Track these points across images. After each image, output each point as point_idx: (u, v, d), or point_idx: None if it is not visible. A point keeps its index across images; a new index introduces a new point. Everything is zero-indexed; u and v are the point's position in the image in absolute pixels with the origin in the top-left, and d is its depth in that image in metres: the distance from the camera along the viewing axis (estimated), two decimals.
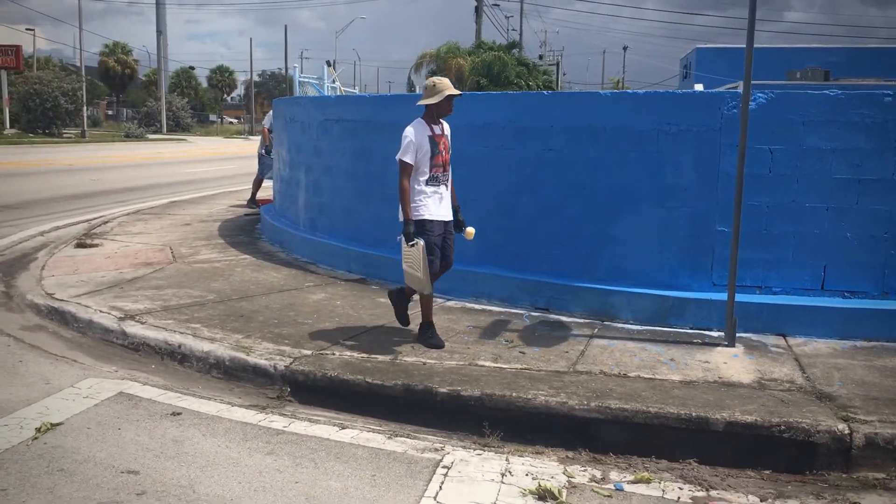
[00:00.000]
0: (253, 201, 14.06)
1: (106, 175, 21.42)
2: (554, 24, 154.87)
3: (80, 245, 10.05)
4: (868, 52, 56.26)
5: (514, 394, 4.91)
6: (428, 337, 5.91)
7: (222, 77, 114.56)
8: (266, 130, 13.89)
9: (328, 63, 15.81)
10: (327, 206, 8.85)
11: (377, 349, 5.78)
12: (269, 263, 8.84)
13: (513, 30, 53.20)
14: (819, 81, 49.92)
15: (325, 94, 14.27)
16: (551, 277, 6.98)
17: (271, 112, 13.84)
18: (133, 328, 6.22)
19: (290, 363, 5.44)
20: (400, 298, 6.26)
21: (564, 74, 45.62)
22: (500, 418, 4.83)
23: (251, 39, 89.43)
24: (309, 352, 5.69)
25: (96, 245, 10.06)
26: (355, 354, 5.65)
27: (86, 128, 51.73)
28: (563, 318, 6.71)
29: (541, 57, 42.49)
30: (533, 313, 6.87)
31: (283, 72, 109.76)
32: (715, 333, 6.26)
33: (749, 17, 5.78)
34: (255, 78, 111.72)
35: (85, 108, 53.98)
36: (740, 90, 12.09)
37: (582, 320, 6.68)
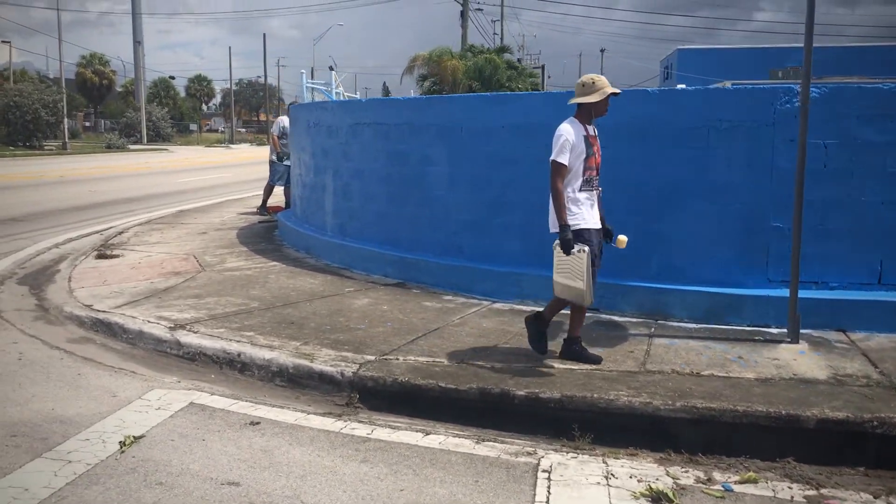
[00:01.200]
0: (264, 208, 13.94)
1: (102, 186, 21.18)
2: (527, 26, 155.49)
3: (101, 256, 9.90)
4: (848, 50, 56.95)
5: (594, 395, 4.85)
6: (578, 352, 5.53)
7: (200, 86, 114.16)
8: (275, 137, 13.78)
9: (331, 68, 15.70)
10: (358, 211, 8.77)
11: (440, 353, 5.70)
12: (301, 269, 8.74)
13: (495, 34, 53.30)
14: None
15: (334, 98, 14.18)
16: (601, 277, 6.89)
17: (280, 119, 13.79)
18: (187, 338, 6.11)
19: (357, 369, 5.36)
20: (539, 324, 5.67)
21: (549, 77, 45.73)
22: (580, 420, 4.77)
23: (230, 48, 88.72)
24: (372, 357, 5.61)
25: (117, 256, 9.91)
26: (420, 359, 5.58)
27: (66, 139, 51.21)
28: (616, 318, 6.67)
29: (519, 60, 42.51)
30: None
31: (263, 80, 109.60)
32: (774, 330, 6.23)
33: (807, 17, 5.77)
34: (234, 87, 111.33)
35: (66, 119, 53.48)
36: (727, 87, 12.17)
37: (635, 319, 6.64)
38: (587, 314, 6.73)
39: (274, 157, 13.79)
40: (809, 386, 5.00)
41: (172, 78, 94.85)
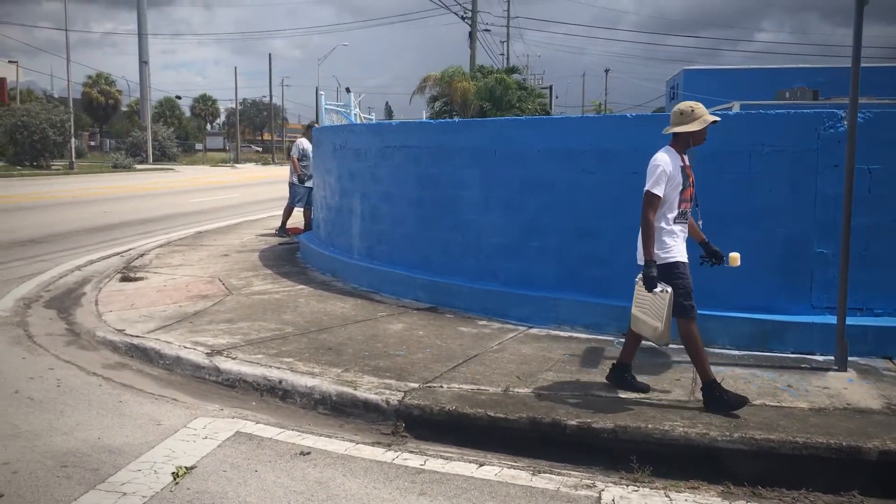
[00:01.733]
0: (283, 230, 13.90)
1: (115, 207, 21.16)
2: (531, 46, 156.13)
3: (126, 279, 9.85)
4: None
5: (649, 425, 4.78)
6: (628, 380, 5.44)
7: (205, 106, 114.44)
8: (295, 160, 13.75)
9: (348, 90, 15.70)
10: (387, 234, 8.72)
11: (483, 381, 5.63)
12: (330, 293, 8.68)
13: (501, 54, 53.49)
14: (808, 101, 50.42)
15: (353, 120, 14.16)
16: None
17: (299, 141, 13.78)
18: (226, 364, 6.04)
19: (403, 398, 5.29)
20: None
21: (557, 98, 45.81)
22: (634, 451, 4.69)
23: (236, 69, 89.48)
24: (415, 385, 5.54)
25: (141, 279, 9.86)
26: (464, 387, 5.50)
27: (73, 159, 51.32)
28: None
29: (524, 80, 42.63)
30: (622, 339, 6.72)
31: (267, 99, 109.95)
32: (819, 357, 6.16)
33: (854, 37, 5.75)
34: (237, 106, 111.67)
35: (73, 139, 53.62)
36: (734, 110, 12.13)
37: (676, 346, 6.52)
38: (621, 339, 6.67)
39: (294, 180, 13.76)
40: (865, 416, 4.93)
41: (179, 98, 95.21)
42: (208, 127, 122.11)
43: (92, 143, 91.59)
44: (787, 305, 6.46)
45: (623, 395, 5.33)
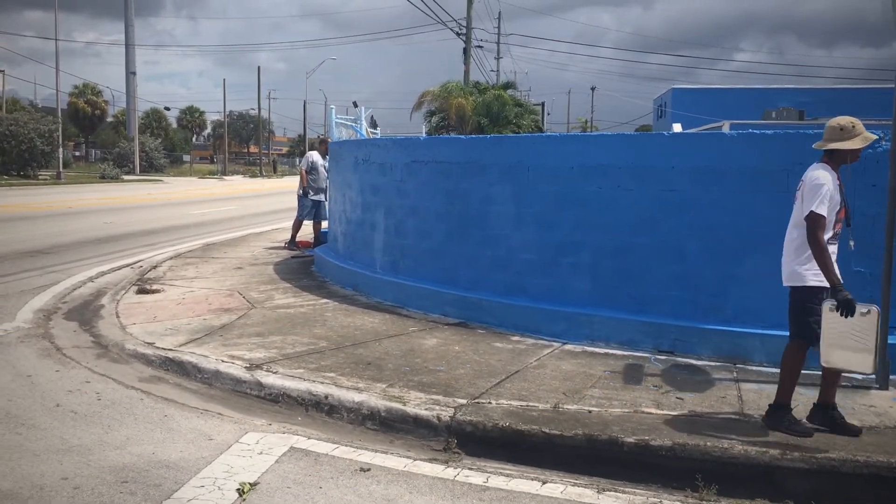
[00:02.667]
0: (294, 243, 13.84)
1: (115, 218, 21.02)
2: (517, 62, 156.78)
3: (142, 291, 9.77)
4: (836, 92, 57.63)
5: (707, 443, 4.77)
6: (836, 422, 4.99)
7: (192, 118, 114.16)
8: (304, 172, 13.73)
9: (355, 104, 15.69)
10: (412, 248, 8.70)
11: (530, 397, 5.61)
12: (355, 308, 8.64)
13: (492, 70, 53.67)
14: (794, 121, 50.94)
15: (364, 135, 14.17)
16: (673, 319, 6.88)
17: (309, 154, 13.75)
18: (268, 379, 6.00)
19: (454, 414, 5.26)
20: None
21: (549, 114, 46.01)
22: (692, 469, 4.67)
23: (224, 81, 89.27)
24: (463, 401, 5.51)
25: (158, 291, 9.78)
26: (512, 403, 5.48)
27: (61, 169, 50.95)
28: (694, 362, 6.60)
29: (519, 96, 42.73)
30: (658, 356, 6.75)
31: (253, 111, 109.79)
32: (858, 375, 6.17)
33: None
34: (222, 118, 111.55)
35: (61, 149, 53.28)
36: (724, 130, 12.27)
37: (714, 363, 6.57)
38: (661, 356, 6.69)
39: (302, 192, 13.72)
40: None
41: (168, 109, 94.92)
42: (195, 139, 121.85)
43: (77, 154, 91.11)
44: None
45: (672, 412, 5.33)
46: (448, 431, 5.22)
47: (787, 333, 6.46)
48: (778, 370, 6.30)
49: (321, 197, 13.76)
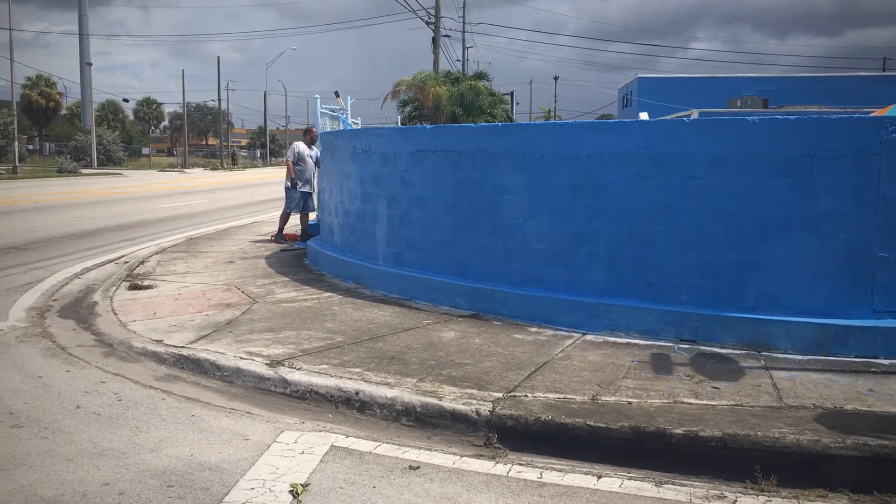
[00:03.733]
0: (281, 236, 13.59)
1: (86, 212, 20.53)
2: (480, 51, 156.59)
3: (135, 287, 9.51)
4: (798, 80, 58.57)
5: (758, 433, 4.70)
6: None
7: (150, 109, 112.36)
8: (291, 164, 13.48)
9: (336, 94, 15.46)
10: (419, 240, 8.54)
11: (565, 389, 5.51)
12: (362, 301, 8.47)
13: (457, 60, 53.46)
14: (759, 109, 51.50)
15: (350, 125, 13.94)
16: (694, 308, 6.82)
17: (295, 145, 13.51)
18: (293, 375, 5.82)
19: (493, 408, 5.13)
20: None
21: (518, 104, 46.00)
22: (741, 459, 4.61)
23: (183, 72, 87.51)
24: (499, 395, 5.39)
25: (151, 287, 9.52)
26: (549, 396, 5.37)
27: (17, 163, 49.84)
28: (718, 350, 6.54)
29: (490, 86, 42.62)
30: (682, 345, 6.68)
31: (210, 103, 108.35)
32: (885, 361, 6.17)
33: None
34: (180, 110, 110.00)
35: (17, 142, 52.12)
36: (693, 117, 12.36)
37: (738, 351, 6.51)
38: (684, 345, 6.63)
39: (289, 184, 13.48)
40: None
41: (126, 101, 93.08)
42: (152, 131, 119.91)
43: (31, 147, 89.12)
44: (848, 310, 6.46)
45: (714, 402, 5.25)
46: (488, 426, 5.09)
47: (812, 320, 6.45)
48: (803, 356, 6.31)
49: (308, 188, 13.54)
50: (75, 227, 16.56)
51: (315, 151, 13.58)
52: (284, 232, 13.72)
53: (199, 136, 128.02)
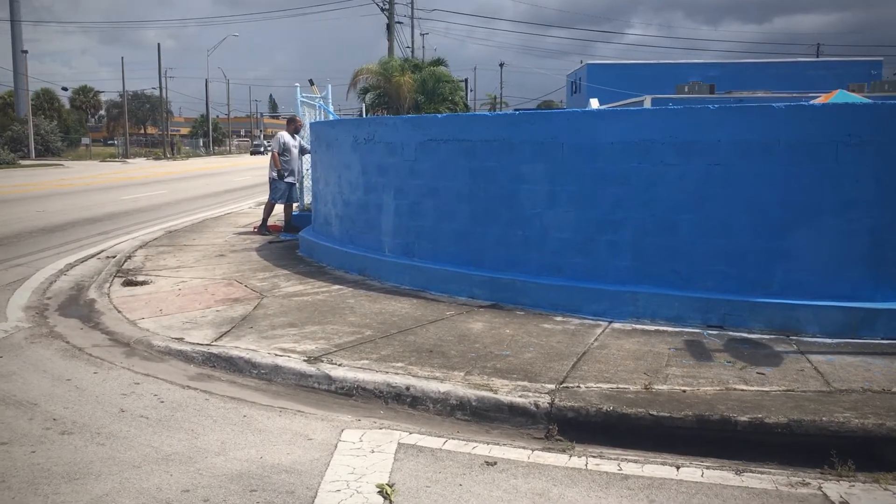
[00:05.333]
0: (266, 227, 13.34)
1: (46, 205, 19.94)
2: (420, 39, 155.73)
3: (130, 283, 9.24)
4: (741, 66, 59.71)
5: (823, 418, 4.75)
6: None
7: (86, 98, 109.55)
8: (276, 154, 13.24)
9: (311, 82, 15.21)
10: (430, 230, 8.44)
11: (615, 379, 5.50)
12: (375, 293, 8.35)
13: (408, 47, 53.10)
14: (706, 94, 52.02)
15: (333, 114, 13.73)
16: (720, 294, 6.87)
17: (279, 135, 13.28)
18: (337, 372, 5.71)
19: (552, 400, 5.10)
20: None
21: (472, 91, 45.90)
22: (806, 445, 4.66)
23: (122, 59, 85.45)
24: (551, 386, 5.36)
25: (147, 283, 9.27)
26: (602, 386, 5.36)
27: None
28: (747, 335, 6.60)
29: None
30: (710, 331, 6.73)
31: (148, 92, 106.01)
32: None
33: None
34: (118, 98, 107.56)
35: None
36: (646, 104, 12.57)
37: (769, 336, 6.58)
38: (712, 331, 6.67)
39: (275, 175, 13.22)
40: None
41: (65, 89, 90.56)
42: (89, 120, 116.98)
43: None
44: (874, 293, 6.57)
45: (766, 388, 5.29)
46: (548, 418, 5.06)
47: (840, 304, 6.54)
48: (833, 340, 6.39)
49: (293, 179, 13.32)
50: (41, 222, 16.06)
51: (299, 141, 13.37)
52: (269, 224, 13.47)
53: (137, 126, 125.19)
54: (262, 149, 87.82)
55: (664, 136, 6.97)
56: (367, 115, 23.14)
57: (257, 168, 47.03)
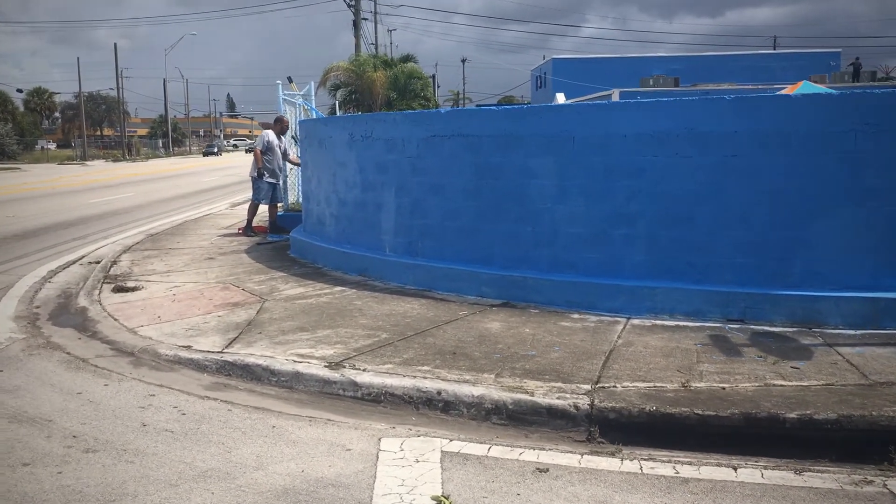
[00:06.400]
0: (250, 228, 13.03)
1: (15, 210, 19.43)
2: (382, 36, 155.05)
3: (120, 290, 8.94)
4: (703, 59, 60.22)
5: (873, 413, 4.65)
6: None
7: (41, 100, 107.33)
8: (259, 153, 12.93)
9: (290, 80, 14.91)
10: (434, 228, 8.25)
11: (649, 377, 5.37)
12: (380, 294, 8.13)
13: (371, 43, 52.71)
14: (670, 87, 52.34)
15: (318, 112, 13.45)
16: (739, 287, 6.77)
17: (264, 134, 13.00)
18: (362, 377, 5.50)
19: (592, 401, 4.95)
20: None
21: (439, 87, 45.72)
22: (857, 440, 4.56)
23: (78, 59, 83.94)
24: (586, 386, 5.21)
25: (139, 288, 8.98)
26: (638, 385, 5.22)
27: None
28: (769, 328, 6.51)
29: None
30: (731, 325, 6.63)
31: (108, 92, 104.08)
32: None
33: None
34: (72, 100, 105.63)
35: None
36: (614, 97, 12.62)
37: (791, 329, 6.49)
38: (733, 325, 6.57)
39: (256, 174, 12.92)
40: None
41: (20, 91, 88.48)
42: (44, 123, 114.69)
43: None
44: (894, 283, 6.51)
45: (806, 382, 5.19)
46: (589, 420, 4.90)
47: (862, 295, 6.47)
48: (856, 331, 6.32)
49: (276, 179, 13.03)
50: (14, 227, 15.58)
51: (285, 141, 13.09)
52: (253, 225, 13.16)
53: (93, 127, 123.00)
54: (215, 149, 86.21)
55: (680, 127, 6.85)
56: (339, 112, 22.84)
57: (222, 168, 46.46)
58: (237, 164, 47.48)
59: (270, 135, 12.99)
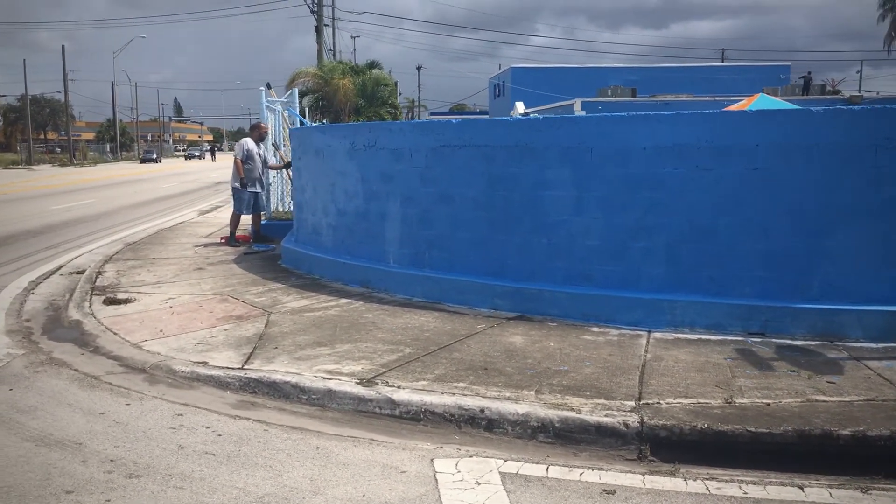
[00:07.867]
0: (234, 239, 12.72)
1: None
2: (338, 42, 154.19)
3: (112, 302, 8.65)
4: (657, 70, 60.91)
5: None
6: None
7: None
8: (239, 162, 12.62)
9: (268, 86, 14.64)
10: (444, 239, 8.12)
11: (691, 393, 5.31)
12: (390, 307, 7.97)
13: (330, 49, 52.34)
14: (628, 98, 52.98)
15: (305, 120, 13.21)
16: (760, 300, 6.77)
17: (243, 142, 12.74)
18: (400, 395, 5.35)
19: (642, 419, 4.87)
20: None
21: (400, 94, 45.57)
22: None
23: (24, 61, 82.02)
24: (630, 403, 5.14)
25: (131, 301, 8.70)
26: (682, 401, 5.16)
27: None
28: (792, 342, 6.51)
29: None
30: (753, 339, 6.62)
31: (53, 95, 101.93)
32: None
33: None
34: (15, 103, 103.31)
35: None
36: (576, 107, 12.79)
37: (814, 342, 6.50)
38: (755, 338, 6.55)
39: (237, 185, 12.61)
40: None
41: None
42: None
43: None
44: None
45: (846, 398, 5.18)
46: (639, 438, 4.82)
47: (884, 308, 6.50)
48: (881, 345, 6.35)
49: (258, 187, 12.76)
50: None
51: (263, 148, 12.83)
52: (237, 234, 12.86)
53: (36, 131, 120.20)
54: (153, 156, 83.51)
55: (700, 140, 6.83)
56: (308, 118, 22.57)
57: (179, 174, 45.70)
58: (192, 170, 46.74)
59: (249, 143, 12.70)
